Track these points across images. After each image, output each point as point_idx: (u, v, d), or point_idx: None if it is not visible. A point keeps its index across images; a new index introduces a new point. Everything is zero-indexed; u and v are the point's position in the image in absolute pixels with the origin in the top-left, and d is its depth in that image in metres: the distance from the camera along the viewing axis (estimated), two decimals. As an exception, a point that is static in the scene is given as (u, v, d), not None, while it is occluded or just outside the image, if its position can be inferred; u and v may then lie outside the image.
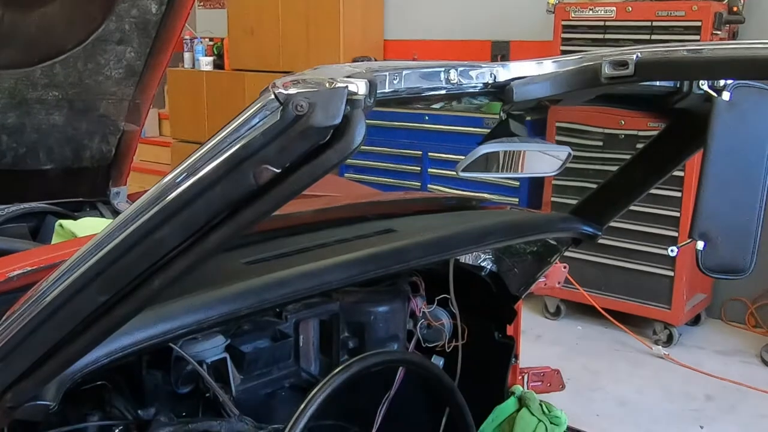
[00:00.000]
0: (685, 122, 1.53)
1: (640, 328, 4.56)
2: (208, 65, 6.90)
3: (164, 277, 1.00)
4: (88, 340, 1.06)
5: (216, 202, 0.94)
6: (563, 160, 1.43)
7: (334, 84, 0.90)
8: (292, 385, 1.84)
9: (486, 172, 1.33)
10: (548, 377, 2.26)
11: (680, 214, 4.25)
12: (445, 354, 2.00)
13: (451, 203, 2.11)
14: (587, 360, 4.27)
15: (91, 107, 2.59)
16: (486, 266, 2.00)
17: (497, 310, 2.06)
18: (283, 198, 0.94)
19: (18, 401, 1.12)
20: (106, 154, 2.73)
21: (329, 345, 1.87)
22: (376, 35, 6.17)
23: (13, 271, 1.33)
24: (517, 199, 4.87)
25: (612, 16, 4.36)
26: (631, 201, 1.79)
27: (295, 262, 1.49)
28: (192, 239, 0.97)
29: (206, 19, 7.27)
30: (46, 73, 2.43)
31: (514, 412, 2.04)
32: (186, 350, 1.57)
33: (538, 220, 1.93)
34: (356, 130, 0.90)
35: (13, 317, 1.08)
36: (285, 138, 0.90)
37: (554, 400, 2.11)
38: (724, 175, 1.34)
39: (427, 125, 5.17)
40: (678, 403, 3.84)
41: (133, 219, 0.97)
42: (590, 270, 4.53)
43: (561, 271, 2.15)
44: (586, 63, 1.25)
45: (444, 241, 1.67)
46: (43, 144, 2.59)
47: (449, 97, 1.25)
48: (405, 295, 1.95)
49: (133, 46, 2.49)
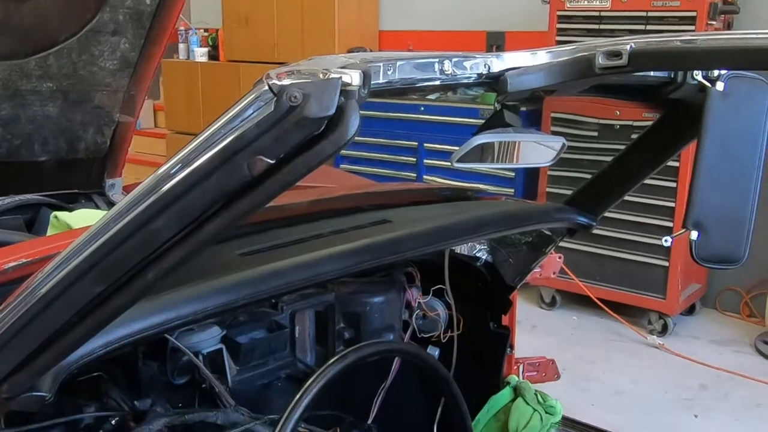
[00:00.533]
0: (679, 112, 1.53)
1: (635, 318, 4.57)
2: (203, 56, 6.89)
3: (159, 268, 1.00)
4: (84, 331, 1.07)
5: (210, 193, 0.94)
6: (557, 151, 1.44)
7: (328, 75, 0.91)
8: (288, 375, 1.85)
9: (481, 162, 1.33)
10: (543, 367, 2.27)
11: (675, 204, 4.26)
12: (440, 344, 2.00)
13: (447, 194, 2.12)
14: (582, 350, 4.29)
15: (86, 98, 2.58)
16: (481, 257, 2.01)
17: (492, 300, 2.07)
18: (278, 189, 0.94)
19: (14, 392, 1.12)
20: (101, 145, 2.72)
21: (325, 335, 1.87)
22: (371, 26, 6.15)
23: (8, 262, 1.33)
24: (512, 190, 4.87)
25: (607, 7, 4.36)
26: (626, 191, 1.80)
27: (290, 253, 1.49)
28: (187, 230, 0.97)
29: (201, 9, 7.24)
30: (40, 65, 2.42)
31: (510, 402, 2.05)
32: (182, 341, 1.57)
33: (533, 210, 1.93)
34: (350, 120, 0.91)
35: (9, 309, 1.08)
36: (279, 129, 0.90)
37: (549, 389, 2.12)
38: (718, 165, 1.35)
39: (422, 116, 5.16)
40: (672, 392, 3.86)
41: (128, 210, 0.97)
42: (585, 260, 4.54)
43: (556, 261, 2.16)
44: (580, 53, 1.25)
45: (439, 231, 1.67)
46: (38, 135, 2.58)
47: (444, 88, 1.25)
48: (400, 285, 1.95)
49: (128, 37, 2.48)
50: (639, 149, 1.72)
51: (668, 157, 1.70)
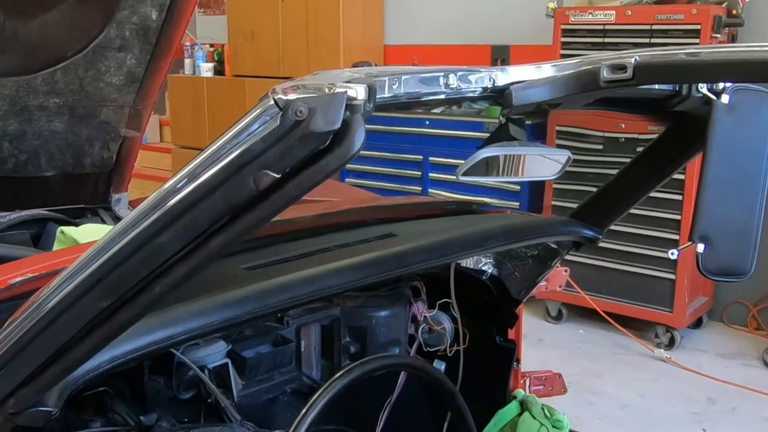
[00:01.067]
0: (684, 125, 1.53)
1: (642, 331, 4.55)
2: (208, 71, 6.91)
3: (165, 283, 1.00)
4: (90, 346, 1.07)
5: (216, 208, 0.94)
6: (563, 164, 1.43)
7: (334, 89, 0.91)
8: (294, 390, 1.84)
9: (486, 176, 1.32)
10: (550, 381, 2.26)
11: (681, 216, 4.25)
12: (446, 358, 2.00)
13: (452, 207, 2.12)
14: (589, 363, 4.27)
15: (92, 114, 2.59)
16: (487, 270, 2.00)
17: (498, 313, 2.06)
18: (284, 203, 0.94)
19: (20, 407, 1.12)
20: (107, 160, 2.73)
21: (330, 350, 1.87)
22: (376, 40, 6.17)
23: (14, 278, 1.33)
24: (518, 203, 4.86)
25: (611, 20, 4.37)
26: (632, 204, 1.79)
27: (295, 267, 1.49)
28: (193, 245, 0.97)
29: (206, 25, 7.28)
30: (47, 80, 2.43)
31: (516, 416, 2.04)
32: (187, 356, 1.57)
33: (538, 223, 1.93)
34: (356, 135, 0.91)
35: (15, 324, 1.08)
36: (285, 143, 0.90)
37: (556, 403, 2.11)
38: (723, 178, 1.35)
39: (427, 129, 5.17)
40: (680, 406, 3.84)
41: (134, 225, 0.97)
42: (591, 273, 4.53)
43: (562, 274, 2.15)
44: (585, 67, 1.25)
45: (445, 245, 1.67)
46: (45, 150, 2.60)
47: (449, 102, 1.25)
48: (406, 299, 1.95)
49: (134, 52, 2.50)
50: (644, 162, 1.72)
51: (674, 170, 1.69)
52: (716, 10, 4.16)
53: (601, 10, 4.40)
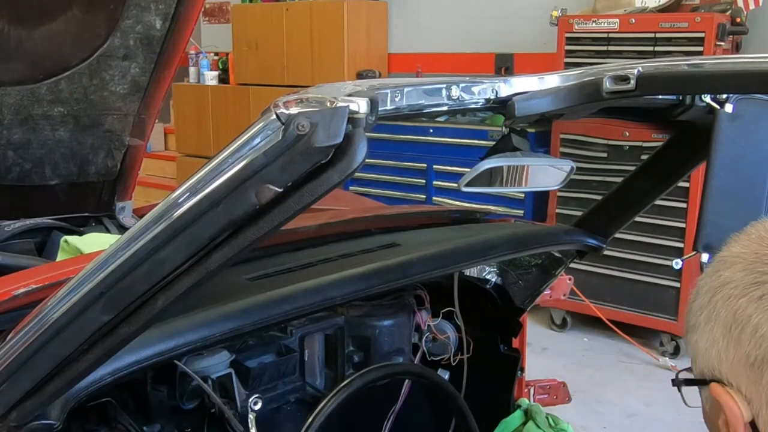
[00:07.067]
0: (688, 134, 1.53)
1: (647, 340, 4.54)
2: (213, 80, 6.92)
3: (168, 295, 1.00)
4: (93, 358, 1.07)
5: (219, 222, 0.94)
6: (567, 174, 1.43)
7: (336, 103, 0.91)
8: (298, 399, 1.84)
9: (489, 187, 1.33)
10: (554, 390, 2.25)
11: (686, 224, 4.24)
12: (450, 367, 2.00)
13: (455, 216, 2.12)
14: (594, 372, 4.26)
15: (97, 122, 2.60)
16: (491, 279, 2.00)
17: (502, 322, 2.06)
18: (286, 217, 0.94)
19: (22, 420, 1.12)
20: (112, 168, 2.73)
21: (334, 359, 1.87)
22: (380, 49, 6.18)
23: (18, 289, 1.34)
24: (521, 211, 4.86)
25: (615, 28, 4.36)
26: (636, 212, 1.79)
27: (298, 277, 1.50)
28: (195, 258, 0.97)
29: (211, 33, 7.30)
30: (52, 89, 2.44)
31: (521, 425, 2.04)
32: (191, 366, 1.57)
33: (542, 232, 1.93)
34: (358, 149, 0.91)
35: (18, 336, 1.08)
36: (287, 157, 0.90)
37: (561, 412, 2.11)
38: (727, 187, 1.34)
39: (431, 138, 5.17)
40: (686, 415, 3.81)
41: (137, 238, 0.97)
42: (596, 281, 4.52)
43: (566, 283, 2.15)
44: (588, 78, 1.25)
45: (448, 254, 1.67)
46: (49, 159, 2.60)
47: (451, 113, 1.25)
48: (410, 308, 1.95)
49: (138, 61, 2.50)
50: (648, 170, 1.72)
51: (678, 178, 1.69)
52: (720, 18, 4.15)
53: (605, 18, 4.40)
